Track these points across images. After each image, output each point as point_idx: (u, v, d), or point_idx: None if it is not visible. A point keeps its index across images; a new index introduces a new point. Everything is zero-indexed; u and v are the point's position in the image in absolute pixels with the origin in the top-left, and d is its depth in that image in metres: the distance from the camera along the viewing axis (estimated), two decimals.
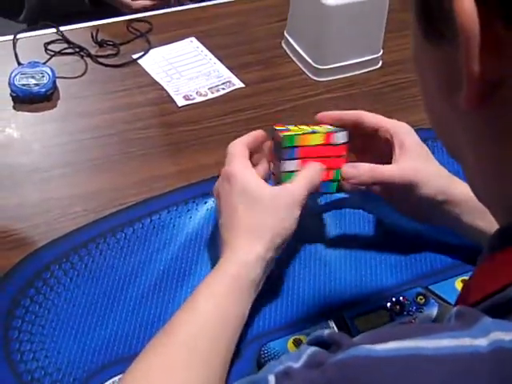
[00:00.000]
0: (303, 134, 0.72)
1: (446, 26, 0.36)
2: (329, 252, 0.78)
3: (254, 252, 0.66)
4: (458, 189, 0.73)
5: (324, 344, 0.40)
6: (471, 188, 0.48)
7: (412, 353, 0.35)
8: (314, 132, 0.72)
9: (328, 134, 0.72)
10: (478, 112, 0.39)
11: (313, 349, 0.40)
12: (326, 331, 0.42)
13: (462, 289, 0.45)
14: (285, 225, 0.68)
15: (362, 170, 0.72)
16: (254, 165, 0.74)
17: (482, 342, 0.34)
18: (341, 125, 0.76)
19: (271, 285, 0.73)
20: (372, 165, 0.73)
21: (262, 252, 0.67)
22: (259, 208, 0.68)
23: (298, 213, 0.69)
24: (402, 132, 0.75)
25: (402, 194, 0.74)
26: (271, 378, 0.39)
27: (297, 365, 0.39)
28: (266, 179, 0.73)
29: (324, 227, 0.79)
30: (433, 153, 0.76)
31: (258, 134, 0.76)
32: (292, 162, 0.72)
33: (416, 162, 0.73)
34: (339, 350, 0.38)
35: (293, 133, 0.72)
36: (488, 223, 0.62)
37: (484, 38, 0.34)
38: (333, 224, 0.81)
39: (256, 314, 0.70)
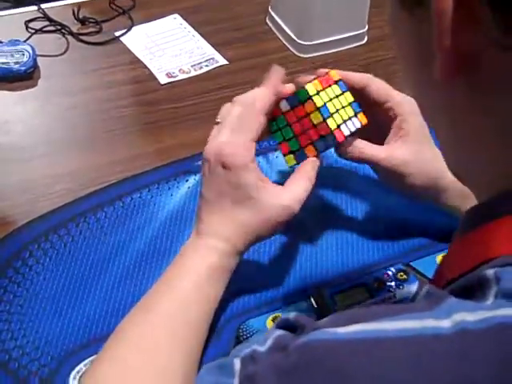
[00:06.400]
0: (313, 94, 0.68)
1: None
2: (310, 230, 0.78)
3: (236, 247, 0.65)
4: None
5: (291, 327, 0.41)
6: (447, 164, 0.48)
7: (374, 335, 0.35)
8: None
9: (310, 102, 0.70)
10: (453, 82, 0.38)
11: (279, 332, 0.40)
12: (292, 314, 0.42)
13: (438, 267, 0.45)
14: (270, 231, 0.66)
15: (355, 143, 0.70)
16: None
17: (445, 324, 0.33)
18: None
19: (251, 263, 0.73)
20: (365, 142, 0.70)
21: (243, 249, 0.65)
22: (252, 208, 0.64)
23: (286, 220, 0.66)
24: (405, 112, 0.71)
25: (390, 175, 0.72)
26: (237, 362, 0.40)
27: (262, 348, 0.40)
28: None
29: (306, 206, 0.78)
30: None
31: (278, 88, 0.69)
32: (287, 105, 0.69)
33: (408, 151, 0.70)
34: (303, 333, 0.38)
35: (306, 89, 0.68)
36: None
37: (457, 14, 0.34)
38: (315, 202, 0.81)
39: (236, 292, 0.70)
